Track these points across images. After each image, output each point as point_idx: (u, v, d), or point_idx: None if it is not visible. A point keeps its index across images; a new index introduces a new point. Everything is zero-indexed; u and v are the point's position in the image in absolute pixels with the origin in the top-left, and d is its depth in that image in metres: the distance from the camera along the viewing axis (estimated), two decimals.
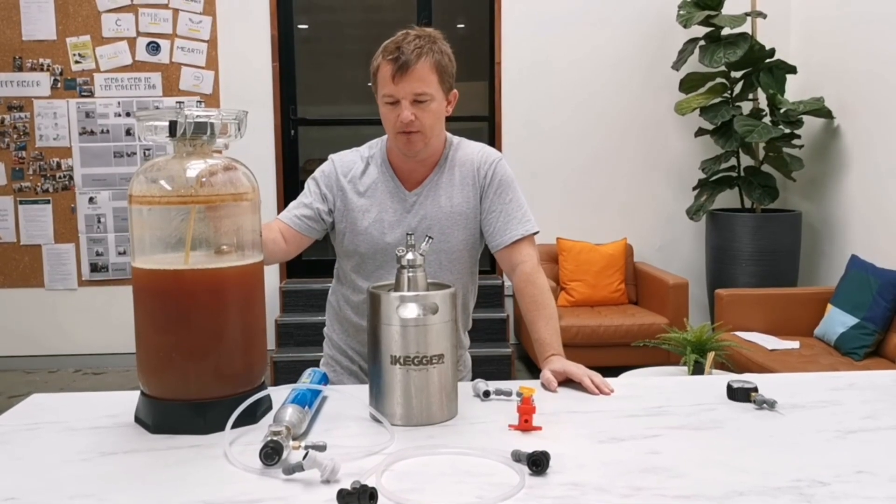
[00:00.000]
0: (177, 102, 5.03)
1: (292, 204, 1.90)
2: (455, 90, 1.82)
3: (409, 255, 1.45)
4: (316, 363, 1.91)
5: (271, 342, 4.79)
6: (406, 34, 1.74)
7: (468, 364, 2.04)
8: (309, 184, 1.90)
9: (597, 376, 1.62)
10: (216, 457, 1.26)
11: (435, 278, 1.60)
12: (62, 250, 5.16)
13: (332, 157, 1.92)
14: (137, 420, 1.42)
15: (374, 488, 1.07)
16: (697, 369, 3.08)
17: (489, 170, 1.87)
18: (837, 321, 3.83)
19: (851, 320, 3.75)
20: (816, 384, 1.67)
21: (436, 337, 1.40)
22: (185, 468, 1.22)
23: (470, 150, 1.90)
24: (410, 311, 1.39)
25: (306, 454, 1.15)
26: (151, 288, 1.39)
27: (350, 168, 1.88)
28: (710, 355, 3.08)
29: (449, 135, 1.90)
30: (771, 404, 1.48)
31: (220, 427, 1.32)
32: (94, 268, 5.18)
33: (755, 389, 1.52)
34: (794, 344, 3.91)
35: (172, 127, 1.36)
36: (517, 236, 1.85)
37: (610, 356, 4.39)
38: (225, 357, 1.39)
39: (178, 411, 1.37)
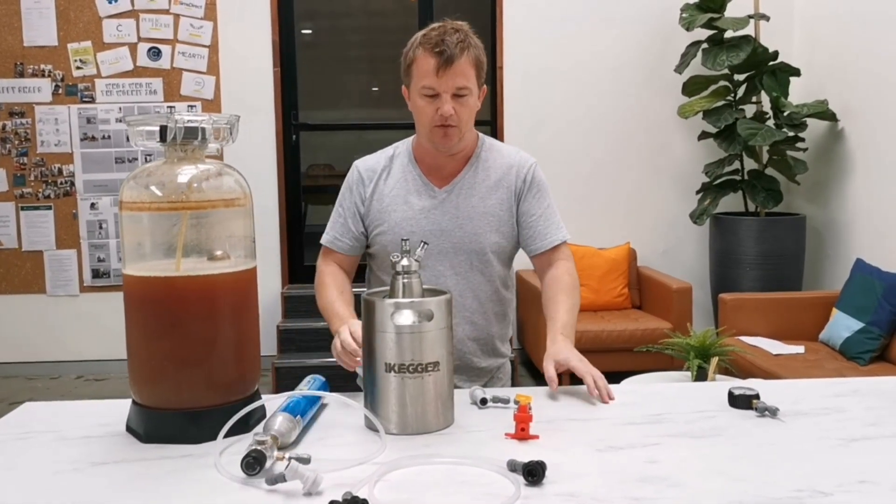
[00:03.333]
0: (168, 108, 5.03)
1: (337, 228, 1.88)
2: (485, 85, 1.81)
3: (404, 261, 1.43)
4: (318, 369, 1.88)
5: (273, 348, 4.77)
6: (443, 27, 1.73)
7: (508, 372, 2.02)
8: (343, 201, 1.89)
9: (601, 378, 1.59)
10: (205, 467, 1.24)
11: (465, 279, 1.59)
12: (64, 256, 5.15)
13: (356, 163, 1.91)
14: (129, 429, 1.40)
15: (365, 500, 1.05)
16: (701, 374, 3.05)
17: (528, 174, 1.87)
18: (842, 325, 3.80)
19: (856, 324, 3.72)
20: (819, 390, 1.65)
21: (431, 344, 1.38)
22: (173, 478, 1.21)
23: (506, 152, 1.89)
24: (405, 317, 1.38)
25: (288, 465, 1.13)
26: (143, 295, 1.37)
27: (374, 170, 1.87)
28: (714, 360, 3.05)
29: (477, 132, 1.88)
30: (773, 412, 1.46)
31: (212, 436, 1.30)
32: (96, 274, 5.18)
33: (757, 396, 1.50)
34: (799, 349, 3.87)
35: (163, 132, 1.35)
36: (557, 241, 1.87)
37: (613, 361, 4.34)
38: (217, 365, 1.38)
39: (169, 420, 1.35)
